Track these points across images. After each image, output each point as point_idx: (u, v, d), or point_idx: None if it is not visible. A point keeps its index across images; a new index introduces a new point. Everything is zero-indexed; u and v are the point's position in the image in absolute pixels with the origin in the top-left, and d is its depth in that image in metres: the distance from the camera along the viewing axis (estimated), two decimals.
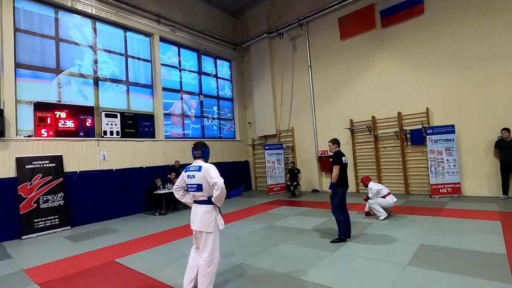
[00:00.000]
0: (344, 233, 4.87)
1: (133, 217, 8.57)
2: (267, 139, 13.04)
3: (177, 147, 10.71)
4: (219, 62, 13.46)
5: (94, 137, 8.49)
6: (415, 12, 8.94)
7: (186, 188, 3.33)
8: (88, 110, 8.50)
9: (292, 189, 10.31)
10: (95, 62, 8.93)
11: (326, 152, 11.03)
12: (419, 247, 4.32)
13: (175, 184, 3.42)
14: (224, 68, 13.77)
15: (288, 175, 10.66)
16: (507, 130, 7.27)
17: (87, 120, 8.42)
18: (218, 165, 3.45)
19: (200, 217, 3.12)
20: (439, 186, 8.16)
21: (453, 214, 6.16)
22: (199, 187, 3.13)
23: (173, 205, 9.07)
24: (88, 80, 8.73)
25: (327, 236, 5.16)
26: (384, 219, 6.01)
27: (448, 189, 8.09)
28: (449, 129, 8.14)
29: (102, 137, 8.66)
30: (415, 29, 9.01)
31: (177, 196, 3.41)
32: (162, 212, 8.56)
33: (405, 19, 9.15)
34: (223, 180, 3.04)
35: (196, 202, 3.24)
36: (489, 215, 5.86)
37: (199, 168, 3.14)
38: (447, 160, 8.15)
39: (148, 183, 9.08)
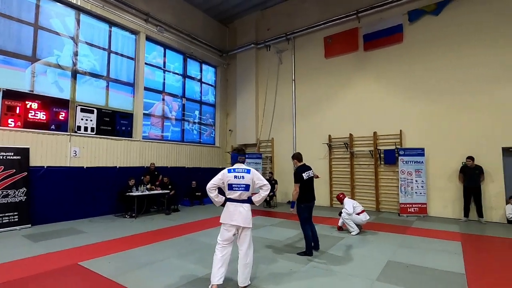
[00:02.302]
0: (309, 248, 4.89)
1: (102, 218, 8.17)
2: (246, 148, 13.06)
3: (154, 148, 10.45)
4: (204, 67, 13.43)
5: (67, 131, 8.09)
6: (395, 39, 9.50)
7: (229, 188, 3.60)
8: (63, 103, 8.11)
9: (268, 199, 10.35)
10: (75, 54, 8.59)
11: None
12: (387, 263, 4.48)
13: (212, 182, 3.61)
14: (209, 73, 13.75)
15: None
16: (471, 158, 7.82)
17: (61, 113, 8.02)
18: (196, 170, 3.63)
19: (245, 215, 3.54)
20: (407, 205, 8.56)
21: (419, 233, 6.47)
22: (247, 187, 3.58)
23: (145, 208, 8.76)
24: (65, 72, 8.36)
25: (300, 249, 5.19)
26: (356, 234, 6.18)
27: (416, 208, 8.50)
28: (419, 152, 8.63)
29: (76, 132, 8.27)
30: (395, 55, 9.57)
31: (211, 195, 3.63)
32: (133, 215, 8.24)
33: (385, 45, 9.70)
34: None
35: (235, 201, 3.59)
36: (451, 236, 6.22)
37: (248, 171, 3.64)
38: (416, 181, 8.59)
39: (121, 183, 8.74)
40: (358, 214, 6.25)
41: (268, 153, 12.39)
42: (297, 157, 5.11)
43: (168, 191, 9.22)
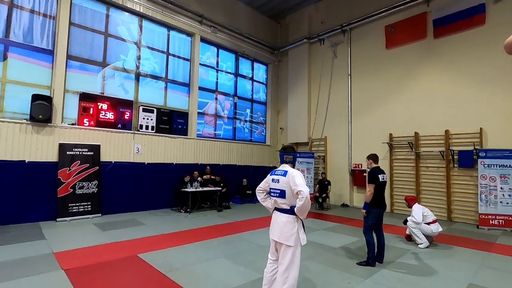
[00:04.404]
0: (373, 257, 4.47)
1: (159, 211, 8.69)
2: (298, 147, 12.68)
3: (207, 146, 10.77)
4: (256, 65, 13.40)
5: (131, 130, 8.77)
6: (475, 22, 8.15)
7: (269, 192, 3.15)
8: (128, 104, 8.81)
9: (320, 201, 9.86)
10: (138, 58, 9.26)
11: (360, 165, 10.43)
12: (468, 287, 3.77)
13: (259, 186, 3.24)
14: (260, 71, 13.68)
15: (318, 186, 10.22)
16: None
17: (126, 113, 8.72)
18: (247, 168, 3.33)
19: (281, 227, 2.88)
20: (489, 217, 7.27)
21: (507, 251, 5.40)
22: (282, 193, 2.92)
23: (198, 204, 9.06)
24: (130, 75, 9.07)
25: (357, 258, 4.75)
26: (425, 247, 5.41)
27: (501, 221, 7.18)
28: (507, 154, 7.25)
29: (138, 130, 8.92)
30: (474, 40, 8.21)
31: (259, 198, 3.24)
32: (188, 210, 8.59)
33: (462, 29, 8.38)
34: (308, 189, 2.81)
35: (277, 209, 3.02)
36: None
37: (285, 173, 2.94)
38: (501, 188, 7.25)
39: (177, 179, 9.18)
40: (428, 224, 5.46)
41: (320, 152, 11.83)
42: (373, 158, 4.80)
43: (220, 188, 9.40)
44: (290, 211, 2.88)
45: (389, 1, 9.90)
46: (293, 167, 3.10)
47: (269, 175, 3.18)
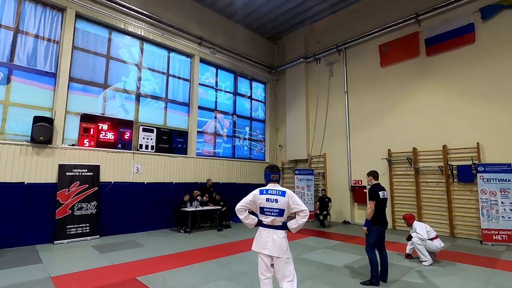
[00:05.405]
0: (377, 276, 4.39)
1: (159, 232, 8.56)
2: (297, 164, 12.71)
3: (207, 165, 10.77)
4: (254, 84, 13.67)
5: (131, 149, 8.81)
6: (465, 40, 8.44)
7: (261, 211, 3.15)
8: (128, 124, 8.89)
9: (321, 218, 9.76)
10: (139, 79, 9.45)
11: (360, 182, 10.42)
12: None
13: (240, 204, 3.20)
14: (258, 90, 13.93)
15: (318, 203, 10.16)
16: None
17: (126, 133, 8.79)
18: (246, 186, 3.38)
19: (279, 243, 3.03)
20: (492, 232, 7.21)
21: None
22: (281, 212, 3.07)
23: (198, 223, 8.95)
24: (131, 96, 9.22)
25: (361, 277, 4.66)
26: (429, 265, 5.33)
27: (504, 236, 7.11)
28: (505, 168, 7.30)
29: (138, 150, 8.96)
30: (466, 57, 8.48)
31: (240, 217, 3.21)
32: (187, 230, 8.47)
33: (453, 47, 8.67)
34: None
35: (267, 226, 3.10)
36: None
37: (283, 193, 3.10)
38: (502, 202, 7.23)
39: (176, 198, 9.10)
40: (431, 239, 5.40)
41: (320, 169, 11.84)
42: (373, 174, 4.80)
43: (220, 207, 9.32)
44: (283, 226, 3.13)
45: (381, 21, 10.29)
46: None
47: (258, 194, 3.17)
